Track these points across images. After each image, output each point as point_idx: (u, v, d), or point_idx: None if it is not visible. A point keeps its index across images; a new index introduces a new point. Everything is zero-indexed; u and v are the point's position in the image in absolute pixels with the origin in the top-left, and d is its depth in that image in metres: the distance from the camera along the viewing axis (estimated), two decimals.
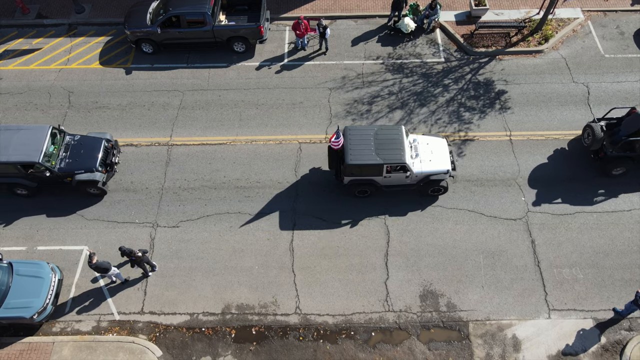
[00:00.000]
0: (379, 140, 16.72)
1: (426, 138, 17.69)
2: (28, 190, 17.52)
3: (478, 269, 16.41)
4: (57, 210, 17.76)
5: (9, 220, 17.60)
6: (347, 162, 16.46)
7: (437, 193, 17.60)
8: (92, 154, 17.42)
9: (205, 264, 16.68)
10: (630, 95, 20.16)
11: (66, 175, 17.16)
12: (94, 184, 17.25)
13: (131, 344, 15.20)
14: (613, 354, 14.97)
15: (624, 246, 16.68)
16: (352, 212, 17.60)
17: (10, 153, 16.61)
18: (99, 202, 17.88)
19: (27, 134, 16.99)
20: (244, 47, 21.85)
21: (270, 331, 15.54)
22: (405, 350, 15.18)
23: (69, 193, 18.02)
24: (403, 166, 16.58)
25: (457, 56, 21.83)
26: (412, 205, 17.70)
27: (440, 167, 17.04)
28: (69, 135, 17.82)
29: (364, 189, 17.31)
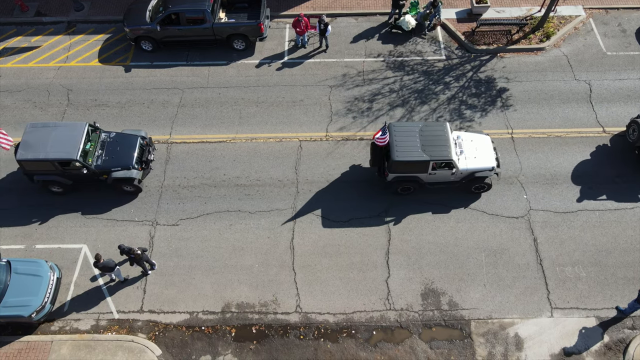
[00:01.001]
0: (424, 137, 16.56)
1: (470, 135, 17.55)
2: (63, 187, 17.40)
3: (480, 267, 16.29)
4: (57, 208, 17.64)
5: (8, 218, 17.48)
6: (394, 158, 16.25)
7: (480, 190, 17.42)
8: (128, 152, 17.29)
9: (205, 263, 16.55)
10: (632, 93, 20.04)
11: (102, 173, 17.03)
12: (130, 182, 17.10)
13: (130, 342, 15.07)
14: (616, 352, 14.85)
15: (627, 244, 16.56)
16: (353, 210, 17.48)
17: (48, 150, 16.48)
18: (98, 200, 17.76)
19: (64, 131, 16.86)
20: (244, 44, 21.72)
21: (271, 330, 15.42)
22: (407, 349, 15.06)
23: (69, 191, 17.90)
24: (449, 163, 16.40)
25: (459, 54, 21.71)
26: (414, 203, 17.58)
27: (486, 164, 16.85)
28: (104, 133, 17.70)
29: (408, 186, 17.14)
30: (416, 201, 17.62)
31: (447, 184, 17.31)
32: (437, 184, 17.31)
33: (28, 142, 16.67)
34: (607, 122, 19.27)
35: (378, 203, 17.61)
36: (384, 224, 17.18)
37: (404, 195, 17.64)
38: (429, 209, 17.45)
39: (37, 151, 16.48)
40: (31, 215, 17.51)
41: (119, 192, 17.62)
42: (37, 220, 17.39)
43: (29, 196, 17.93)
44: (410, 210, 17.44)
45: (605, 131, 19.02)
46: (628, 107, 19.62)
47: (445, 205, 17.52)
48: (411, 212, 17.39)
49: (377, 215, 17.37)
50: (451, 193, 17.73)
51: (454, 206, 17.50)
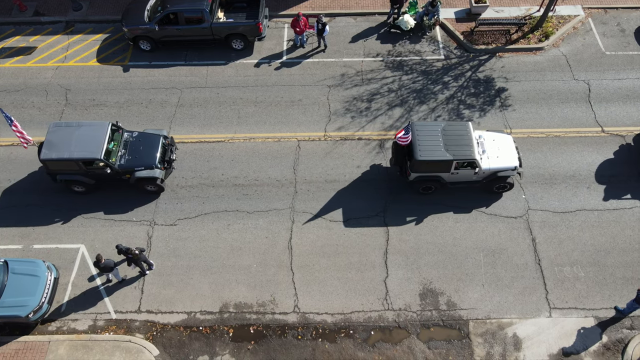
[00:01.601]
0: (447, 136, 16.51)
1: (492, 134, 17.50)
2: (85, 187, 17.38)
3: (478, 267, 16.26)
4: (55, 208, 17.60)
5: (5, 217, 17.45)
6: (417, 158, 16.21)
7: (502, 190, 17.37)
8: (151, 151, 17.27)
9: (203, 262, 16.52)
10: (631, 92, 20.01)
11: (126, 172, 17.01)
12: (153, 181, 17.08)
13: (128, 343, 15.04)
14: (615, 352, 14.82)
15: (626, 244, 16.53)
16: (352, 210, 17.45)
17: (72, 150, 16.46)
18: (96, 200, 17.72)
19: (88, 131, 16.84)
20: (243, 44, 21.69)
21: (269, 330, 15.38)
22: (405, 349, 15.02)
23: (63, 191, 17.87)
24: (472, 162, 16.36)
25: (457, 53, 21.68)
26: (412, 203, 17.55)
27: (508, 164, 16.80)
28: (127, 132, 17.69)
29: (429, 186, 17.11)
30: (414, 201, 17.59)
31: (469, 183, 17.27)
32: (459, 184, 17.27)
33: (51, 141, 16.63)
34: (606, 122, 19.24)
35: (376, 203, 17.58)
36: (383, 224, 17.14)
37: (425, 194, 17.59)
38: (427, 209, 17.42)
39: (61, 151, 16.45)
40: (29, 215, 17.48)
41: (141, 191, 17.61)
42: (35, 220, 17.35)
43: (27, 196, 17.90)
44: (409, 210, 17.41)
45: (604, 131, 18.99)
46: (627, 107, 19.59)
47: (443, 205, 17.49)
48: (410, 212, 17.36)
49: (376, 215, 17.34)
50: (449, 193, 17.69)
51: (452, 206, 17.46)
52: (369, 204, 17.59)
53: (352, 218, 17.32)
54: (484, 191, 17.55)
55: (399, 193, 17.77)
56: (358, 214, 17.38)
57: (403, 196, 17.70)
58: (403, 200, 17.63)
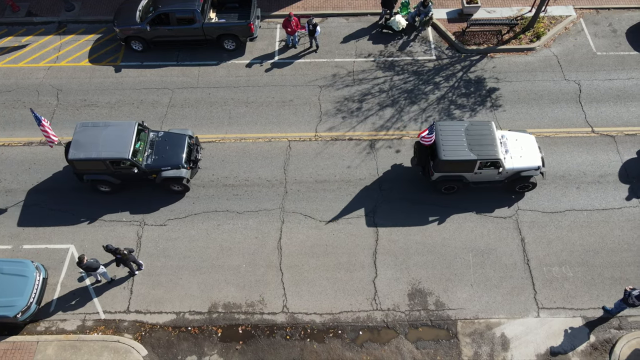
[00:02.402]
0: (470, 136, 16.52)
1: (514, 134, 17.51)
2: (111, 187, 17.41)
3: (467, 268, 16.28)
4: (45, 208, 17.61)
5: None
6: (441, 157, 16.22)
7: (524, 190, 17.37)
8: (177, 151, 17.30)
9: (193, 263, 16.54)
10: (622, 93, 20.05)
11: (152, 172, 17.04)
12: (180, 181, 17.11)
13: (116, 343, 15.05)
14: (602, 352, 14.84)
15: (614, 244, 16.55)
16: (341, 210, 17.47)
17: (99, 149, 16.48)
18: (86, 200, 17.74)
19: (115, 131, 16.86)
20: (235, 44, 21.71)
21: (257, 330, 15.40)
22: (393, 349, 15.04)
23: (53, 190, 17.89)
24: (495, 162, 16.37)
25: (449, 54, 21.70)
26: (402, 203, 17.57)
27: (531, 163, 16.81)
28: (152, 132, 17.70)
29: (452, 185, 17.13)
30: (404, 201, 17.61)
31: (491, 183, 17.28)
32: (481, 183, 17.29)
33: (79, 141, 16.65)
34: (596, 122, 19.27)
35: (366, 203, 17.60)
36: (372, 224, 17.16)
37: (448, 194, 17.61)
38: (417, 209, 17.44)
39: (88, 150, 16.46)
40: (19, 215, 17.49)
41: (166, 191, 17.66)
42: (25, 220, 17.36)
43: (17, 196, 17.91)
44: (399, 210, 17.43)
45: (594, 131, 19.02)
46: (617, 108, 19.63)
47: (433, 206, 17.51)
48: (399, 212, 17.38)
49: (365, 216, 17.36)
50: (438, 193, 17.71)
51: (442, 206, 17.48)
52: (359, 204, 17.61)
53: (342, 218, 17.34)
54: (506, 191, 17.56)
55: (389, 193, 17.79)
56: (348, 214, 17.40)
57: (393, 196, 17.73)
58: (393, 200, 17.65)
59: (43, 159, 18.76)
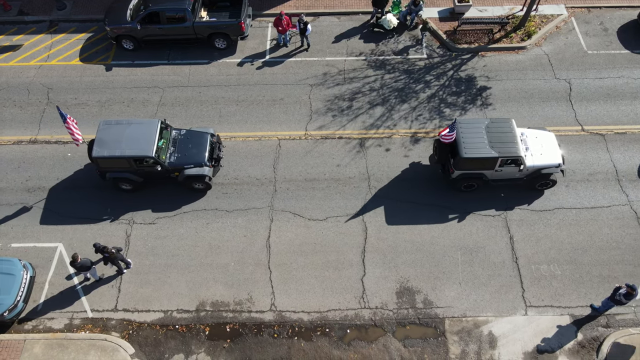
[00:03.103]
0: (491, 133, 16.51)
1: (534, 131, 17.51)
2: (133, 185, 17.38)
3: (455, 266, 16.28)
4: (34, 206, 17.58)
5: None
6: (462, 155, 16.19)
7: (545, 187, 17.35)
8: (200, 149, 17.27)
9: (181, 261, 16.52)
10: (612, 91, 20.05)
11: (175, 170, 17.03)
12: (202, 179, 17.10)
13: (103, 341, 15.02)
14: (590, 350, 14.84)
15: (603, 242, 16.55)
16: (331, 208, 17.46)
17: (123, 147, 16.46)
18: (75, 199, 17.72)
19: (138, 129, 16.83)
20: (226, 43, 21.70)
21: (245, 328, 15.38)
22: (380, 347, 15.03)
23: (40, 189, 17.87)
24: (516, 160, 16.34)
25: (440, 52, 21.70)
26: (391, 201, 17.56)
27: (552, 161, 16.80)
28: (174, 130, 17.69)
29: (472, 183, 17.09)
30: (394, 200, 17.60)
31: (511, 180, 17.26)
32: (501, 181, 17.27)
33: (102, 139, 16.62)
34: (586, 121, 19.28)
35: (355, 201, 17.58)
36: (361, 223, 17.15)
37: (467, 192, 17.59)
38: (405, 207, 17.43)
39: (112, 148, 16.45)
40: (7, 213, 17.46)
41: (188, 189, 17.63)
42: (14, 219, 17.33)
43: (5, 194, 17.89)
44: (388, 208, 17.42)
45: (583, 129, 19.03)
46: (607, 106, 19.63)
47: (422, 204, 17.50)
48: (388, 211, 17.37)
49: (354, 214, 17.35)
50: (428, 192, 17.71)
51: (431, 205, 17.48)
52: (348, 202, 17.60)
53: (331, 216, 17.33)
54: (526, 188, 17.53)
55: (378, 192, 17.78)
56: (337, 213, 17.39)
57: (382, 195, 17.71)
58: (382, 198, 17.64)
59: (32, 157, 18.74)
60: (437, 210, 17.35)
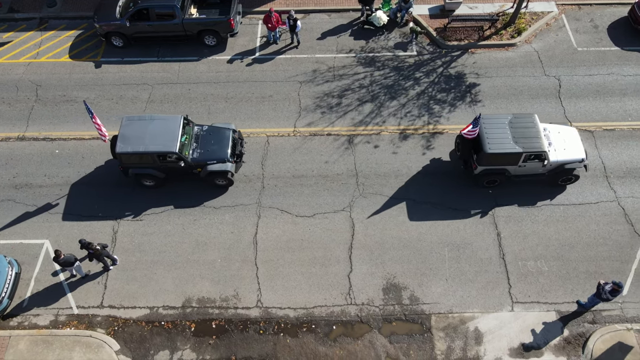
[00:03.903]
0: (514, 129, 16.51)
1: (556, 127, 17.53)
2: (156, 181, 17.34)
3: (442, 262, 16.25)
4: (20, 203, 17.54)
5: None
6: (486, 150, 16.17)
7: (567, 182, 17.33)
8: (222, 145, 17.23)
9: (168, 258, 16.49)
10: (601, 88, 20.04)
11: (198, 166, 16.99)
12: (224, 175, 17.06)
13: (88, 337, 14.99)
14: (575, 346, 14.82)
15: (590, 239, 16.54)
16: (318, 205, 17.43)
17: (147, 143, 16.41)
18: (62, 196, 17.67)
19: (161, 124, 16.80)
20: (215, 40, 21.67)
21: (231, 325, 15.35)
22: (366, 343, 15.00)
23: (26, 186, 17.83)
24: (539, 155, 16.32)
25: (430, 49, 21.68)
26: (377, 198, 17.53)
27: (576, 156, 16.80)
28: (197, 126, 17.67)
29: (494, 179, 17.07)
30: (381, 196, 17.57)
31: (534, 176, 17.25)
32: (523, 177, 17.25)
33: (125, 135, 16.59)
34: (575, 118, 19.26)
35: (343, 198, 17.56)
36: (348, 219, 17.13)
37: (489, 187, 17.55)
38: (393, 204, 17.40)
39: (136, 144, 16.40)
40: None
41: (210, 185, 17.58)
42: (0, 215, 17.28)
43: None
44: (375, 205, 17.39)
45: (572, 126, 19.00)
46: (596, 103, 19.63)
47: (410, 200, 17.47)
48: (376, 207, 17.34)
49: (342, 210, 17.32)
50: (416, 188, 17.68)
51: (418, 201, 17.45)
52: (336, 199, 17.57)
53: (319, 213, 17.30)
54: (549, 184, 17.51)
55: (366, 188, 17.75)
56: (324, 209, 17.36)
57: (370, 191, 17.68)
58: (370, 195, 17.61)
59: (20, 154, 18.69)
60: (426, 207, 17.33)
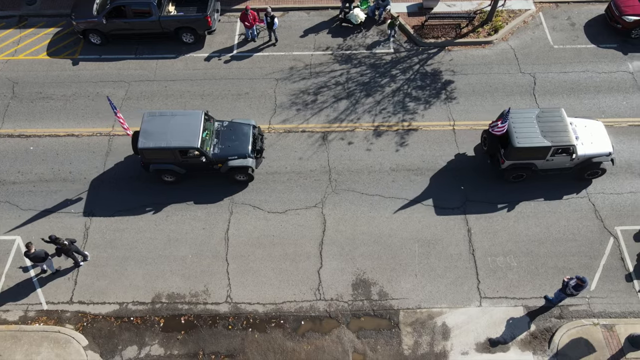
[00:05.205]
0: (542, 123, 16.60)
1: (583, 121, 17.61)
2: (176, 177, 17.38)
3: (412, 258, 16.31)
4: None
5: None
6: (515, 145, 16.21)
7: (593, 176, 17.39)
8: (243, 140, 17.29)
9: (139, 253, 16.52)
10: (575, 85, 20.12)
11: (219, 161, 17.04)
12: (245, 170, 17.11)
13: (57, 333, 15.01)
14: (542, 341, 14.88)
15: (560, 234, 16.61)
16: (290, 201, 17.48)
17: (169, 139, 16.45)
18: (34, 191, 17.69)
19: (182, 120, 16.83)
20: (193, 38, 21.70)
21: (200, 320, 15.38)
22: (334, 338, 15.05)
23: (1, 183, 17.85)
24: (567, 149, 16.39)
25: (407, 47, 21.74)
26: (349, 194, 17.59)
27: (603, 150, 16.88)
28: (217, 122, 17.71)
29: (521, 174, 17.11)
30: (354, 192, 17.62)
31: (560, 170, 17.31)
32: (551, 171, 17.31)
33: (147, 130, 16.61)
34: None
35: (315, 194, 17.61)
36: (320, 215, 17.18)
37: (515, 182, 17.59)
38: (365, 200, 17.46)
39: (158, 140, 16.43)
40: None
41: (230, 181, 17.62)
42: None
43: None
44: (347, 201, 17.45)
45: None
46: (570, 100, 19.71)
47: (381, 196, 17.53)
48: (348, 203, 17.40)
49: (314, 207, 17.37)
50: (390, 184, 17.74)
51: (390, 197, 17.51)
52: (308, 195, 17.62)
53: (291, 209, 17.35)
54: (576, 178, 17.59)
55: (339, 185, 17.80)
56: (296, 205, 17.41)
57: (342, 188, 17.73)
58: (342, 191, 17.66)
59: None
60: (397, 203, 17.39)
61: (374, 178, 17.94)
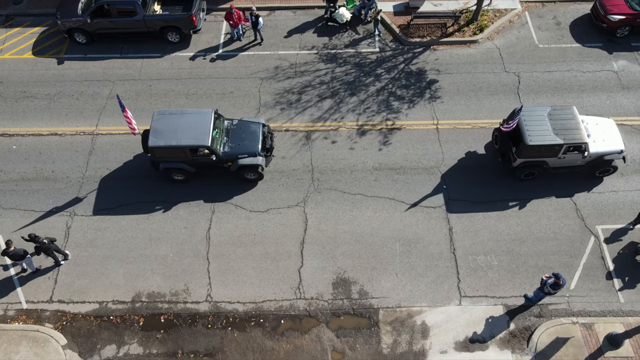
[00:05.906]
0: (554, 121, 16.58)
1: (594, 118, 17.60)
2: (186, 175, 17.38)
3: (393, 257, 16.30)
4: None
5: None
6: (527, 142, 16.18)
7: (605, 174, 17.37)
8: (253, 139, 17.31)
9: (120, 253, 16.50)
10: (560, 84, 20.13)
11: (229, 160, 17.06)
12: (255, 169, 17.13)
13: (35, 332, 14.99)
14: (521, 340, 14.88)
15: (541, 233, 16.61)
16: (273, 200, 17.47)
17: (179, 137, 16.46)
18: (16, 190, 17.68)
19: (192, 118, 16.85)
20: (179, 37, 21.68)
21: (179, 319, 15.37)
22: (313, 337, 15.04)
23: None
24: (579, 146, 16.37)
25: (392, 46, 21.74)
26: (332, 193, 17.58)
27: (615, 147, 16.84)
28: (227, 120, 17.73)
29: (533, 171, 17.09)
30: (336, 191, 17.61)
31: (572, 168, 17.30)
32: (562, 169, 17.30)
33: (157, 129, 16.63)
34: None
35: (297, 193, 17.60)
36: (302, 214, 17.17)
37: (527, 180, 17.56)
38: (347, 199, 17.46)
39: (168, 138, 16.45)
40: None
41: (240, 179, 17.63)
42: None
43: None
44: (329, 200, 17.44)
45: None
46: (554, 98, 19.71)
47: (363, 195, 17.52)
48: (330, 202, 17.39)
49: (296, 206, 17.37)
50: (372, 183, 17.74)
51: (372, 196, 17.50)
52: (291, 194, 17.61)
53: (273, 208, 17.34)
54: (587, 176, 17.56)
55: (321, 184, 17.79)
56: (278, 204, 17.40)
57: (325, 187, 17.72)
58: (324, 190, 17.65)
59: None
60: (379, 202, 17.38)
61: (357, 177, 17.94)
